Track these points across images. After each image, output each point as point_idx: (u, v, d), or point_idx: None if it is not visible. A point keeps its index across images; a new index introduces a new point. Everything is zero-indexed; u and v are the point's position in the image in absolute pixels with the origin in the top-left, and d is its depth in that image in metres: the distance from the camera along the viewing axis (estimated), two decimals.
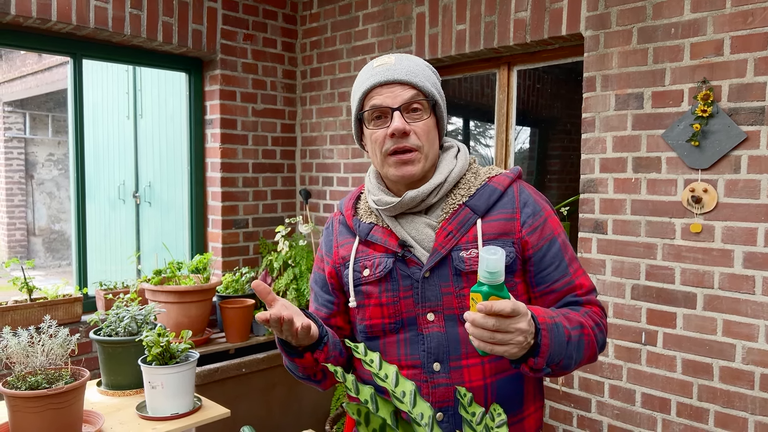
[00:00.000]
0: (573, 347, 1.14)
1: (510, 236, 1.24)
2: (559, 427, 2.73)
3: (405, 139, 1.23)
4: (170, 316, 3.07)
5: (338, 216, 1.42)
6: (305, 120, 3.89)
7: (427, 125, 1.25)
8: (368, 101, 1.25)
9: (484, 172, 1.32)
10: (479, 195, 1.27)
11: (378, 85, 1.24)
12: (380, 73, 1.24)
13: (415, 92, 1.24)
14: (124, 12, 3.12)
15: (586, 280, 1.28)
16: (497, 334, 1.01)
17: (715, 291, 2.28)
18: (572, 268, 1.27)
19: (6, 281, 3.10)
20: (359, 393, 0.83)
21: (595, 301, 1.28)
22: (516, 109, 3.03)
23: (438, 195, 1.27)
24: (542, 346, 1.07)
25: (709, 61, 2.25)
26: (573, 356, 1.15)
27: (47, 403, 1.68)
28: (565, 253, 1.27)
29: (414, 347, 1.24)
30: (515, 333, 1.02)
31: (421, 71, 1.26)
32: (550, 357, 1.09)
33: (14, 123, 9.08)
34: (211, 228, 3.68)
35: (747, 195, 2.19)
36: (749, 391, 2.21)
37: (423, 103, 1.24)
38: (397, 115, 1.22)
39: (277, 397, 3.33)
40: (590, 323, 1.21)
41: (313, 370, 1.28)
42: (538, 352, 1.07)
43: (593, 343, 1.21)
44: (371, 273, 1.27)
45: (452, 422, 1.21)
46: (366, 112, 1.26)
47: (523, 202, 1.27)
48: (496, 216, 1.26)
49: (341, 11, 3.60)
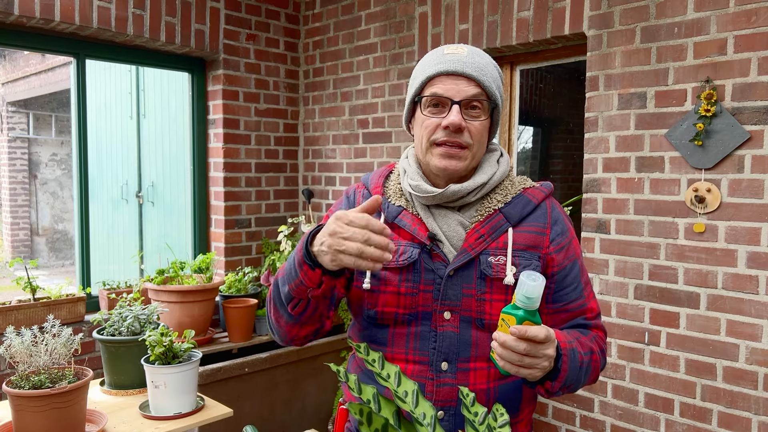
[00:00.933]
0: (583, 372, 1.19)
1: (538, 250, 1.24)
2: (562, 427, 2.72)
3: (458, 134, 1.20)
4: (173, 316, 3.07)
5: (362, 189, 1.37)
6: (308, 120, 3.89)
7: (483, 126, 1.23)
8: (429, 87, 1.22)
9: (519, 182, 1.32)
10: (514, 204, 1.26)
11: (444, 73, 1.21)
12: (449, 61, 1.21)
13: (479, 91, 1.21)
14: (127, 12, 3.13)
15: (596, 305, 1.31)
16: (526, 358, 1.04)
17: (718, 291, 2.27)
18: (586, 291, 1.30)
19: (10, 281, 3.11)
20: (361, 393, 0.83)
21: (601, 326, 1.31)
22: (519, 108, 3.02)
23: (477, 195, 1.26)
24: (561, 371, 1.11)
25: (713, 60, 2.25)
26: (581, 380, 1.20)
27: (50, 403, 1.69)
28: (582, 276, 1.30)
29: (424, 343, 1.23)
30: (543, 359, 1.05)
31: (490, 71, 1.24)
32: (565, 381, 1.13)
33: (18, 123, 9.10)
34: (214, 228, 3.69)
35: (751, 195, 2.18)
36: (753, 392, 2.21)
37: (484, 103, 1.22)
38: (456, 109, 1.19)
39: (280, 397, 3.33)
40: (596, 348, 1.25)
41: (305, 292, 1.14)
42: (556, 377, 1.11)
43: (597, 369, 1.25)
44: (393, 259, 1.23)
45: (452, 422, 1.21)
46: (425, 98, 1.23)
47: (554, 219, 1.28)
48: (528, 228, 1.25)
49: (344, 11, 3.60)
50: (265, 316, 3.44)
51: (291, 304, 1.17)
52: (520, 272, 1.20)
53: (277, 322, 1.25)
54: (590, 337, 1.26)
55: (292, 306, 1.18)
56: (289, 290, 1.16)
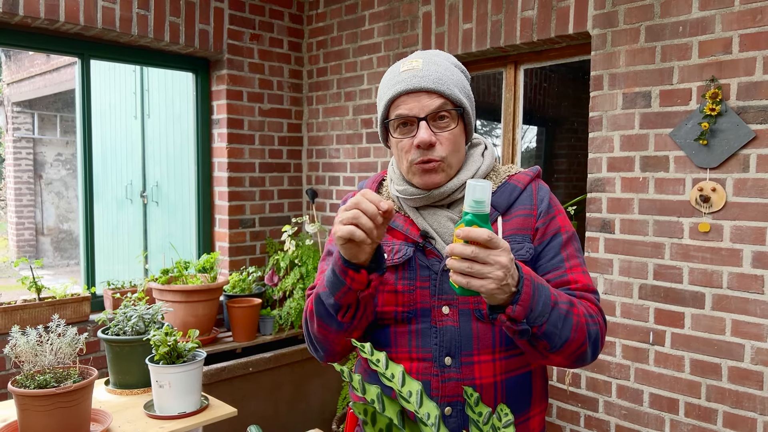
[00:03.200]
0: (559, 317, 1.09)
1: (528, 231, 1.25)
2: (566, 427, 2.72)
3: (431, 150, 1.21)
4: (177, 316, 3.08)
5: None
6: (312, 119, 3.89)
7: (454, 134, 1.23)
8: (394, 109, 1.23)
9: (504, 170, 1.33)
10: (500, 193, 1.27)
11: (404, 92, 1.21)
12: (406, 80, 1.21)
13: (443, 101, 1.21)
14: (132, 12, 3.13)
15: (584, 278, 1.24)
16: (476, 264, 0.99)
17: (723, 291, 2.26)
18: (569, 263, 1.24)
19: (15, 280, 3.12)
20: (366, 392, 0.83)
21: (591, 298, 1.23)
22: (523, 108, 3.02)
23: (463, 191, 1.26)
24: (523, 293, 1.03)
25: (718, 59, 2.24)
26: (558, 327, 1.09)
27: (55, 402, 1.69)
28: (564, 249, 1.25)
29: (426, 339, 1.23)
30: (494, 266, 0.99)
31: (449, 76, 1.23)
32: (531, 312, 1.05)
33: (23, 123, 9.13)
34: (218, 227, 3.69)
35: (756, 194, 2.18)
36: (758, 392, 2.20)
37: (451, 112, 1.22)
38: (424, 125, 1.20)
39: (284, 397, 3.33)
40: (582, 309, 1.16)
41: (354, 297, 1.17)
42: (517, 300, 1.03)
43: (583, 328, 1.14)
44: (389, 258, 1.26)
45: (460, 417, 1.21)
46: (391, 121, 1.24)
47: (540, 198, 1.28)
48: (516, 213, 1.26)
49: (347, 11, 3.60)
50: (269, 315, 3.45)
51: (341, 312, 1.19)
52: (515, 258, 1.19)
53: (324, 337, 1.25)
54: (576, 300, 1.18)
55: (342, 314, 1.19)
56: (336, 300, 1.17)
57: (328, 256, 1.38)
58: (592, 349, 1.19)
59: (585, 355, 1.18)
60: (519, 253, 1.22)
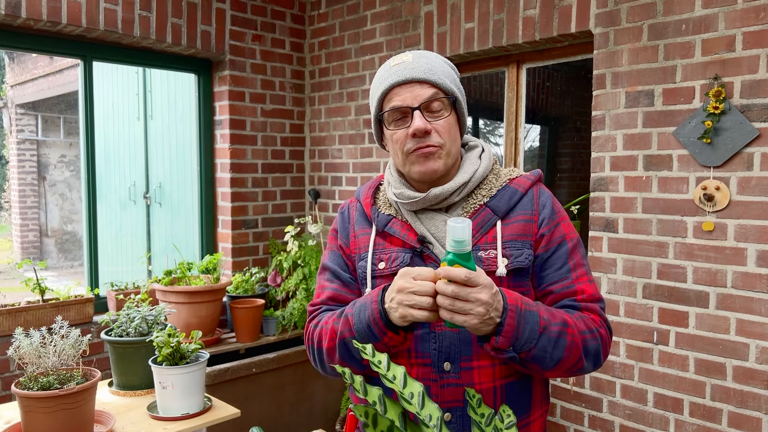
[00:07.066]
0: (549, 341, 1.11)
1: (528, 237, 1.24)
2: (570, 427, 2.71)
3: (427, 138, 1.22)
4: (180, 317, 3.08)
5: (355, 203, 1.40)
6: (314, 120, 3.89)
7: (448, 122, 1.24)
8: (387, 102, 1.24)
9: (505, 174, 1.32)
10: (500, 196, 1.27)
11: (396, 84, 1.22)
12: (398, 72, 1.23)
13: (435, 90, 1.23)
14: (134, 14, 3.14)
15: (590, 288, 1.24)
16: (457, 302, 1.03)
17: (728, 290, 2.25)
18: (576, 273, 1.25)
19: (19, 282, 3.13)
20: (367, 394, 0.83)
21: (596, 309, 1.23)
22: (525, 107, 3.01)
23: (461, 194, 1.26)
24: (506, 325, 1.07)
25: (721, 57, 2.23)
26: (548, 350, 1.12)
27: (59, 404, 1.69)
28: (571, 258, 1.25)
29: (425, 344, 1.23)
30: (475, 303, 1.03)
31: (440, 68, 1.25)
32: (516, 341, 1.09)
33: (26, 125, 9.15)
34: (221, 228, 3.70)
35: (760, 192, 2.17)
36: (763, 391, 2.19)
37: (443, 100, 1.24)
38: (418, 114, 1.21)
39: (288, 397, 3.33)
40: (579, 326, 1.17)
41: (385, 349, 1.20)
42: (500, 331, 1.07)
43: (578, 346, 1.15)
44: (387, 266, 1.26)
45: (460, 423, 1.20)
46: (386, 113, 1.25)
47: (542, 204, 1.27)
48: (516, 217, 1.25)
49: (349, 11, 3.60)
50: (272, 316, 3.45)
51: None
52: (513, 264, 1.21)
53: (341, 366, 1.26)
54: (575, 316, 1.19)
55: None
56: None
57: (325, 271, 1.38)
58: (592, 362, 1.21)
59: (582, 370, 1.20)
60: (518, 260, 1.22)
